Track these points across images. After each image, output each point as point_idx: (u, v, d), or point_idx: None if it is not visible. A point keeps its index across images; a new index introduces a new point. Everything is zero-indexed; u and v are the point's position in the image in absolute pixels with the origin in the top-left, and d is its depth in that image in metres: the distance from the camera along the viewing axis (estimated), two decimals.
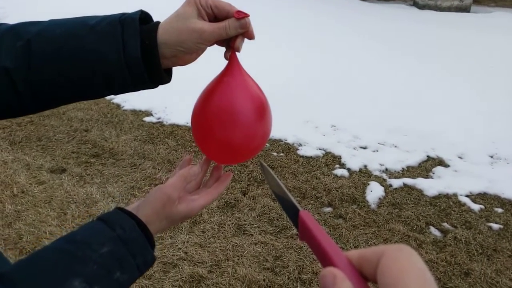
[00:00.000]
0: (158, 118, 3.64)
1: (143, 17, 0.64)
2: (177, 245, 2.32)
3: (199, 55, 0.67)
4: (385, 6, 8.66)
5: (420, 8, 8.59)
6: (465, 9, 8.52)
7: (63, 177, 2.79)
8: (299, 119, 3.72)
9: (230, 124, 0.65)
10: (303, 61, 5.01)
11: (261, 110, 0.68)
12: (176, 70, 0.70)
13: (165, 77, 0.66)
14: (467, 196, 2.90)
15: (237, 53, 0.67)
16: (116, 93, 0.66)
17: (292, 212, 0.36)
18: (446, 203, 2.80)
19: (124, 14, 0.63)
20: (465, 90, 4.48)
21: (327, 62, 5.03)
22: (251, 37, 0.66)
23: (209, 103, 0.67)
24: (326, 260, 0.31)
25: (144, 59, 0.61)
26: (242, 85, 0.67)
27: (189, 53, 0.63)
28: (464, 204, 2.81)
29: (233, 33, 0.63)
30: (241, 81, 0.67)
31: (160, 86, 0.69)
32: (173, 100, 3.82)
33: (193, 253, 2.28)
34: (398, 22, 6.90)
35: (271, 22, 5.96)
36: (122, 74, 0.61)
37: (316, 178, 2.96)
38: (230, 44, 0.66)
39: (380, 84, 4.51)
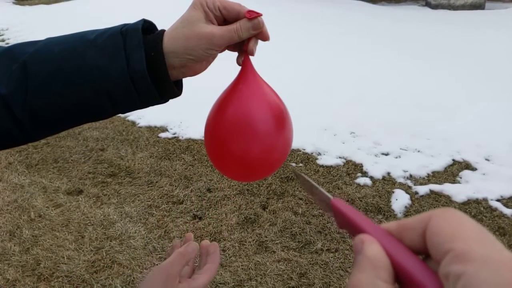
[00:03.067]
0: (174, 134, 3.59)
1: (146, 27, 0.58)
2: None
3: (210, 63, 0.60)
4: (397, 8, 8.54)
5: (433, 8, 8.45)
6: (480, 6, 8.34)
7: (80, 199, 2.75)
8: (316, 127, 3.63)
9: (247, 136, 0.59)
10: (317, 67, 4.93)
11: (280, 119, 0.61)
12: (188, 82, 0.64)
13: (175, 90, 0.59)
14: (498, 200, 2.76)
15: (251, 57, 0.60)
16: (123, 112, 0.60)
17: (327, 205, 0.34)
18: (477, 209, 2.67)
19: (125, 25, 0.57)
20: (486, 89, 4.33)
21: (342, 67, 4.94)
22: (265, 38, 0.59)
23: (222, 114, 0.60)
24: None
25: (151, 72, 0.55)
26: (258, 92, 0.60)
27: (199, 61, 0.57)
28: (495, 209, 2.67)
29: (246, 35, 0.57)
30: (257, 88, 0.60)
31: (173, 100, 0.63)
32: (188, 114, 3.77)
33: None
34: (411, 24, 6.78)
35: (281, 28, 5.91)
36: (127, 90, 0.55)
37: (338, 188, 2.86)
38: (243, 48, 0.59)
39: (398, 88, 4.40)
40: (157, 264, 2.27)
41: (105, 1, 7.58)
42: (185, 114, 3.78)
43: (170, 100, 0.62)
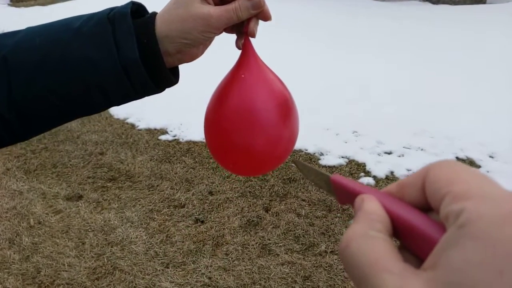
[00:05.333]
0: (174, 136, 3.55)
1: (135, 10, 0.53)
2: (200, 270, 2.21)
3: (206, 47, 0.56)
4: (398, 4, 8.49)
5: (434, 3, 8.40)
6: (481, 1, 8.28)
7: (80, 204, 2.71)
8: (318, 127, 3.58)
9: (251, 127, 0.55)
10: (318, 66, 4.89)
11: (286, 108, 0.57)
12: (188, 80, 0.59)
13: (171, 78, 0.55)
14: None
15: (251, 39, 0.56)
16: (117, 104, 0.56)
17: (326, 183, 0.33)
18: None
19: (112, 9, 0.52)
20: (490, 85, 4.29)
21: (343, 65, 4.89)
22: (267, 18, 0.55)
23: (223, 104, 0.56)
24: None
25: (144, 61, 0.51)
26: (261, 79, 0.56)
27: (195, 45, 0.53)
28: None
29: (246, 15, 0.52)
30: (259, 74, 0.56)
31: (173, 101, 0.58)
32: (188, 116, 3.73)
33: (217, 278, 2.16)
34: (413, 20, 6.73)
35: (281, 26, 5.86)
36: (120, 82, 0.51)
37: None
38: (243, 30, 0.55)
39: (400, 86, 4.35)
40: (159, 270, 2.24)
41: (103, 1, 7.55)
42: (185, 115, 3.73)
43: (170, 101, 0.58)
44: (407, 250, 0.25)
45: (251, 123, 0.55)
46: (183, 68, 0.59)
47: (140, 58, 0.50)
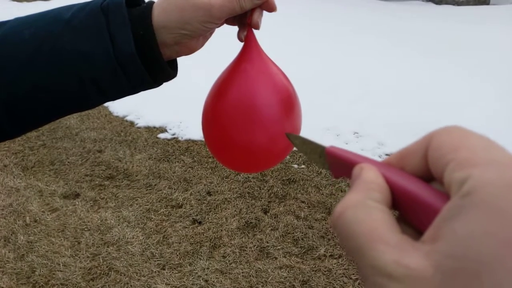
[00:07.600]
0: (173, 134, 3.52)
1: None
2: (196, 273, 2.18)
3: (206, 39, 0.53)
4: (401, 4, 8.43)
5: (437, 3, 8.34)
6: (485, 2, 8.23)
7: (77, 203, 2.68)
8: (318, 127, 3.55)
9: (250, 123, 0.52)
10: (319, 66, 4.85)
11: (288, 103, 0.54)
12: (188, 78, 0.56)
13: (169, 71, 0.52)
14: None
15: (254, 31, 0.53)
16: (112, 99, 0.53)
17: (320, 157, 0.31)
18: None
19: None
20: (492, 87, 4.25)
21: (345, 66, 4.85)
22: (271, 8, 0.52)
23: (223, 98, 0.53)
24: None
25: (141, 53, 0.48)
26: (264, 72, 0.53)
27: (194, 36, 0.50)
28: None
29: (249, 5, 0.49)
30: (262, 67, 0.53)
31: (172, 99, 0.55)
32: (187, 114, 3.69)
33: (214, 281, 2.13)
34: (415, 20, 6.69)
35: (282, 25, 5.82)
36: (115, 76, 0.49)
37: (342, 191, 2.79)
38: (246, 21, 0.52)
39: (402, 86, 4.32)
40: (155, 271, 2.21)
41: None
42: (184, 114, 3.70)
43: (170, 99, 0.55)
44: (406, 222, 0.24)
45: (251, 119, 0.52)
46: (183, 65, 0.56)
47: (136, 51, 0.48)
